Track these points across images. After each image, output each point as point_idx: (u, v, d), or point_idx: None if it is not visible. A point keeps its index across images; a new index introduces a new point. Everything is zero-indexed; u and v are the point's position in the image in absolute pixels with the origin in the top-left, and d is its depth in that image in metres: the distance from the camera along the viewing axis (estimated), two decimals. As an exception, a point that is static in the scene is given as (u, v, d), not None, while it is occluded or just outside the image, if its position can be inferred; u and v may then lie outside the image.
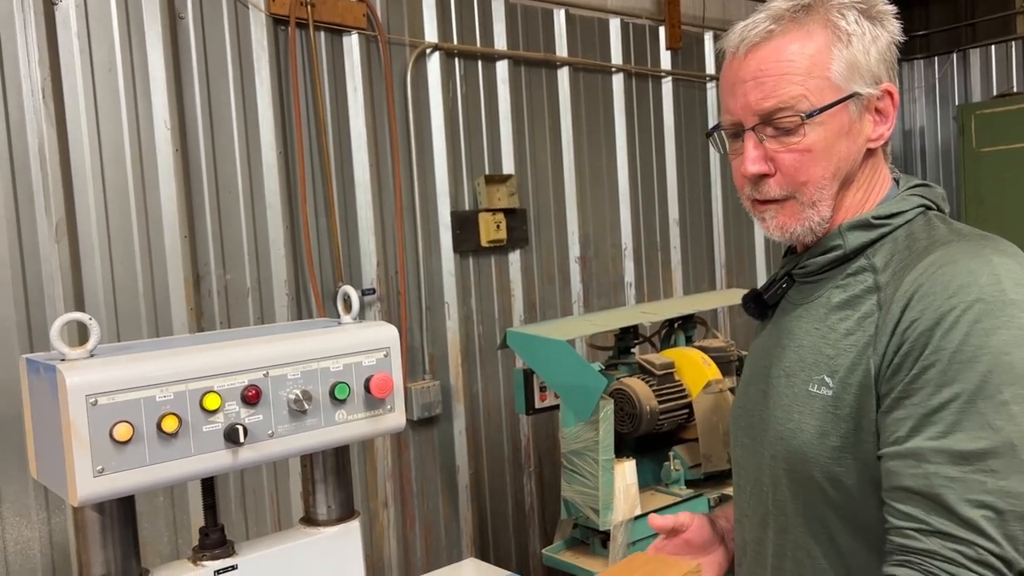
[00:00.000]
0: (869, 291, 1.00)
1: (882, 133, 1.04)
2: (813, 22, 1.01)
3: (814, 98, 1.00)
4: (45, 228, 2.30)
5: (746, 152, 1.04)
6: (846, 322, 1.00)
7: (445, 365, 3.23)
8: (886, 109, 1.04)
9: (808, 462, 0.99)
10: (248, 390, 1.29)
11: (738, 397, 1.21)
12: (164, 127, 2.50)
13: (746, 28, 1.04)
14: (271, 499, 2.75)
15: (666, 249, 4.10)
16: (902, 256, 0.99)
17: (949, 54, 5.51)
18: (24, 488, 2.28)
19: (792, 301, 1.11)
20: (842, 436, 0.96)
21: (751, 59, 1.02)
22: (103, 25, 2.40)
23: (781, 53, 1.01)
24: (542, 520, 3.57)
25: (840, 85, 1.00)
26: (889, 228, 1.03)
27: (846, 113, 1.01)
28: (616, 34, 3.84)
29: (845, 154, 1.02)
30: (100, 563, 1.25)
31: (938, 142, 5.62)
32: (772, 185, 1.05)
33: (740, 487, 1.18)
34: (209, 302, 2.62)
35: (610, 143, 3.85)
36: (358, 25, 2.93)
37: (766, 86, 1.01)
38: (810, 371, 1.02)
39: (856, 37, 1.01)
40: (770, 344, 1.12)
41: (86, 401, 1.16)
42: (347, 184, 2.96)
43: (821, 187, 1.03)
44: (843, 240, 1.04)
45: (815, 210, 1.04)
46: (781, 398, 1.05)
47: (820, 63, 1.00)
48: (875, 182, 1.07)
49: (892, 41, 1.04)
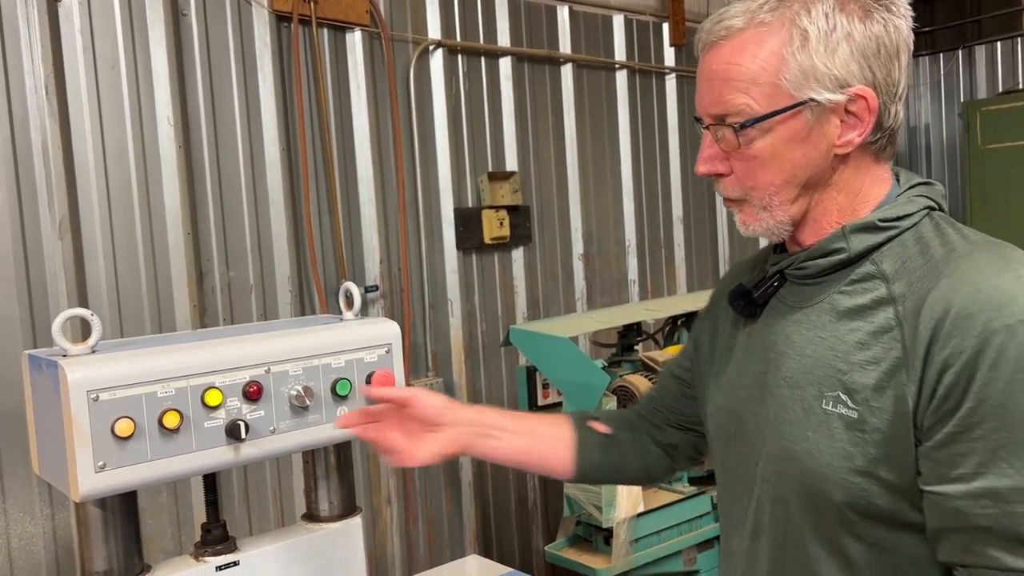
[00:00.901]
0: (882, 302, 0.94)
1: (850, 139, 0.96)
2: (777, 20, 0.94)
3: (760, 106, 0.95)
4: (48, 224, 2.30)
5: (700, 151, 1.02)
6: (856, 334, 0.95)
7: (448, 362, 3.23)
8: (860, 113, 0.95)
9: (828, 484, 0.94)
10: (250, 386, 1.29)
11: (721, 397, 1.14)
12: (167, 124, 2.50)
13: (712, 22, 0.99)
14: (273, 495, 2.76)
15: (670, 246, 4.09)
16: (916, 264, 0.94)
17: (954, 50, 5.49)
18: (28, 484, 2.28)
19: (786, 302, 1.05)
20: (869, 460, 0.91)
21: (708, 58, 0.99)
22: (106, 21, 2.41)
23: (732, 56, 0.96)
24: (545, 517, 3.57)
25: (791, 92, 0.94)
26: (896, 231, 0.97)
27: (800, 120, 0.95)
28: (620, 31, 3.84)
29: (802, 161, 0.97)
30: (102, 559, 1.25)
31: (943, 139, 5.61)
32: (727, 185, 1.02)
33: (732, 493, 1.12)
34: (212, 299, 2.62)
35: (613, 140, 3.84)
36: (361, 22, 2.93)
37: (714, 90, 0.98)
38: (820, 386, 0.96)
39: (817, 38, 0.93)
40: (761, 347, 1.07)
41: (88, 397, 1.16)
42: (350, 181, 2.96)
43: (771, 193, 0.98)
44: (847, 243, 0.98)
45: (769, 214, 1.00)
46: (787, 412, 0.99)
47: (770, 69, 0.94)
48: (862, 184, 1.00)
49: (878, 36, 0.94)
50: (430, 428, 1.24)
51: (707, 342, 1.21)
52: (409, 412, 1.24)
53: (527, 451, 1.30)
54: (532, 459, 1.32)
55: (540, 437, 1.31)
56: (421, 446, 1.23)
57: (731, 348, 1.14)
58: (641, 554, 2.55)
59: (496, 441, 1.26)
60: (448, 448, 1.23)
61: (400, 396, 1.25)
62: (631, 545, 2.53)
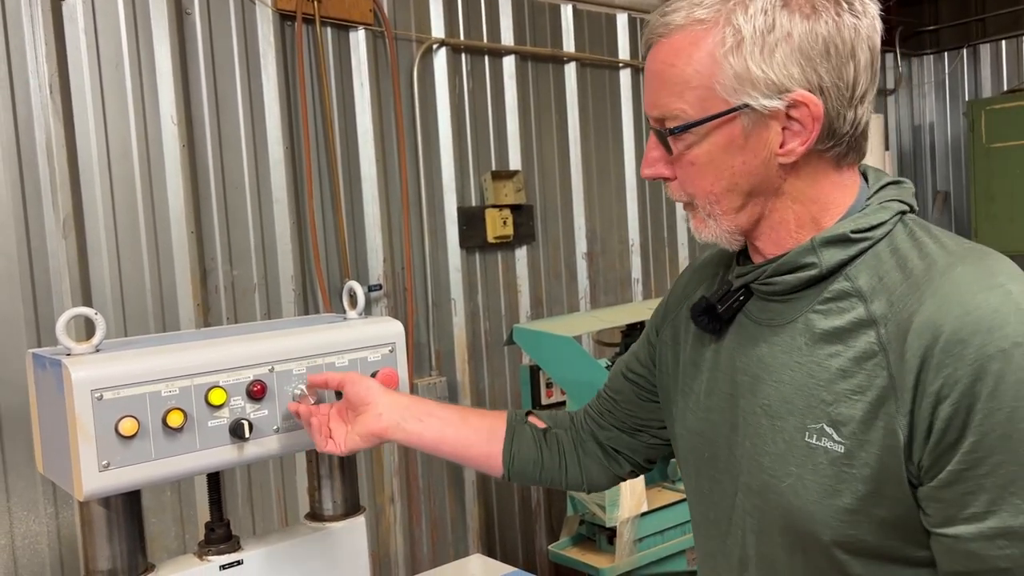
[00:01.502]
0: (862, 324, 0.87)
1: (792, 148, 0.89)
2: (713, 18, 0.88)
3: (693, 110, 0.89)
4: (52, 223, 2.30)
5: (645, 153, 0.98)
6: (837, 359, 0.88)
7: (452, 361, 3.23)
8: (803, 119, 0.88)
9: (815, 523, 0.88)
10: (253, 385, 1.29)
11: (691, 419, 1.07)
12: (171, 123, 2.50)
13: (657, 15, 0.93)
14: (277, 494, 2.76)
15: (673, 245, 4.08)
16: (894, 281, 0.87)
17: (959, 49, 5.47)
18: (32, 483, 2.29)
19: (753, 319, 0.98)
20: (858, 498, 0.86)
21: (650, 56, 0.94)
22: (110, 21, 2.41)
23: (668, 56, 0.91)
24: (548, 516, 3.57)
25: (725, 98, 0.88)
26: (869, 242, 0.90)
27: (736, 126, 0.89)
28: (623, 29, 3.83)
29: (742, 169, 0.91)
30: (106, 557, 1.26)
31: (948, 138, 5.59)
32: (673, 189, 0.97)
33: (710, 523, 1.05)
34: (216, 297, 2.62)
35: (617, 139, 3.84)
36: (365, 21, 2.93)
37: (652, 92, 0.93)
38: (802, 416, 0.90)
39: (752, 38, 0.86)
40: (729, 367, 1.00)
41: (91, 396, 1.16)
42: (354, 180, 2.96)
43: (712, 201, 0.93)
44: (818, 258, 0.90)
45: (715, 221, 0.95)
46: (766, 444, 0.93)
47: (703, 72, 0.88)
48: (820, 191, 0.93)
49: (826, 35, 0.86)
50: (359, 410, 1.23)
51: (669, 353, 1.14)
52: (344, 397, 1.24)
53: (452, 440, 1.24)
54: (458, 449, 1.25)
55: (469, 426, 1.25)
56: (347, 431, 1.22)
57: (697, 364, 1.07)
58: (645, 553, 2.55)
59: (421, 426, 1.22)
60: (371, 427, 1.21)
61: (336, 380, 1.25)
62: (635, 544, 2.52)
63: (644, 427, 1.23)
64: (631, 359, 1.24)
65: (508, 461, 1.25)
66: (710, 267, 1.13)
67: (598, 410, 1.28)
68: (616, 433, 1.25)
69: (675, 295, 1.18)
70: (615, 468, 1.27)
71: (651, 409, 1.20)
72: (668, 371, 1.14)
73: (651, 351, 1.19)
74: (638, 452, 1.25)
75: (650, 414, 1.21)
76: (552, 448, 1.27)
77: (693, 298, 1.07)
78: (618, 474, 1.28)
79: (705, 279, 1.12)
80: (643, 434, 1.23)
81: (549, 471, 1.27)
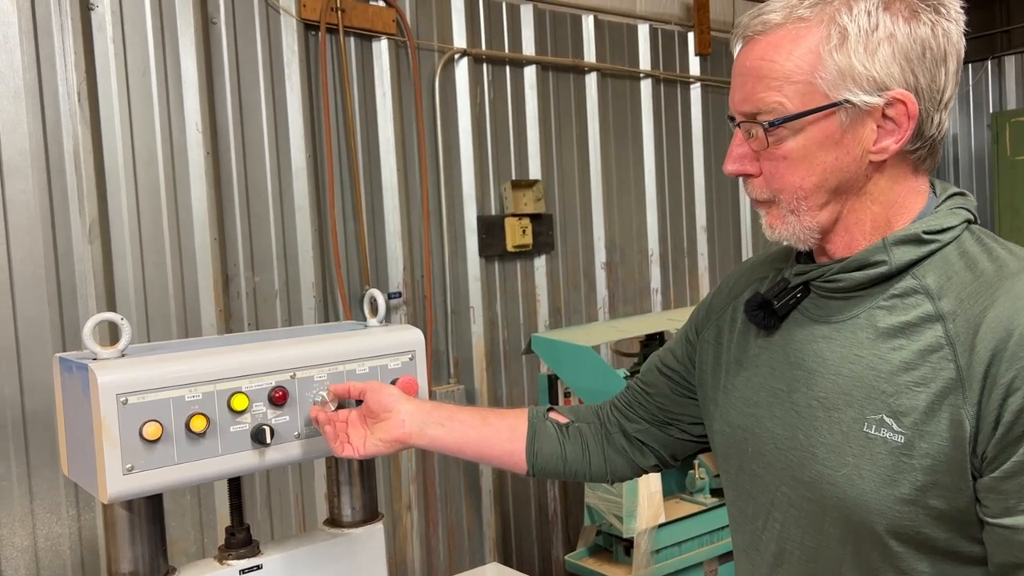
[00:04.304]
0: (928, 319, 0.89)
1: (886, 146, 0.91)
2: (816, 17, 0.91)
3: (793, 104, 0.91)
4: (79, 229, 2.34)
5: (730, 149, 0.99)
6: (900, 352, 0.89)
7: (470, 369, 3.23)
8: (898, 118, 0.90)
9: (870, 512, 0.89)
10: (275, 391, 1.30)
11: (733, 414, 1.08)
12: (196, 130, 2.53)
13: (750, 16, 0.95)
14: (296, 500, 2.77)
15: (693, 255, 4.07)
16: (964, 281, 0.89)
17: (983, 61, 5.43)
18: (55, 485, 2.31)
19: (809, 316, 0.99)
20: (916, 488, 0.87)
21: (743, 53, 0.95)
22: (138, 29, 2.44)
23: (767, 52, 0.92)
24: (565, 526, 3.56)
25: (826, 92, 0.90)
26: (938, 245, 0.92)
27: (834, 121, 0.91)
28: (645, 39, 3.84)
29: (834, 165, 0.93)
30: (128, 560, 1.27)
31: (971, 150, 5.55)
32: (755, 185, 0.98)
33: (747, 518, 1.07)
34: (238, 303, 2.65)
35: (637, 149, 3.84)
36: (387, 31, 2.95)
37: (746, 87, 0.94)
38: (861, 407, 0.91)
39: (856, 37, 0.89)
40: (783, 363, 1.01)
41: (117, 400, 1.17)
42: (375, 188, 2.98)
43: (799, 197, 0.94)
44: (889, 256, 0.92)
45: (797, 218, 0.95)
46: (822, 435, 0.94)
47: (805, 67, 0.90)
48: (898, 194, 0.95)
49: (924, 38, 0.89)
50: (381, 417, 1.24)
51: (710, 352, 1.15)
52: (365, 404, 1.25)
53: (475, 442, 1.26)
54: (481, 450, 1.27)
55: (491, 427, 1.27)
56: (368, 437, 1.24)
57: (741, 362, 1.08)
58: (662, 565, 2.53)
59: (443, 430, 1.23)
60: (394, 433, 1.22)
61: (358, 389, 1.27)
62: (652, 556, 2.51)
63: (674, 421, 1.24)
64: (666, 355, 1.26)
65: (531, 458, 1.26)
66: (760, 269, 1.15)
67: (627, 402, 1.29)
68: (645, 425, 1.26)
69: (721, 296, 1.19)
70: (640, 460, 1.28)
71: (684, 404, 1.22)
72: (708, 370, 1.15)
73: (689, 350, 1.20)
74: (665, 446, 1.27)
75: (682, 409, 1.22)
76: (575, 441, 1.28)
77: (743, 298, 1.09)
78: (642, 466, 1.29)
79: (754, 281, 1.13)
80: (672, 428, 1.25)
81: (573, 464, 1.28)
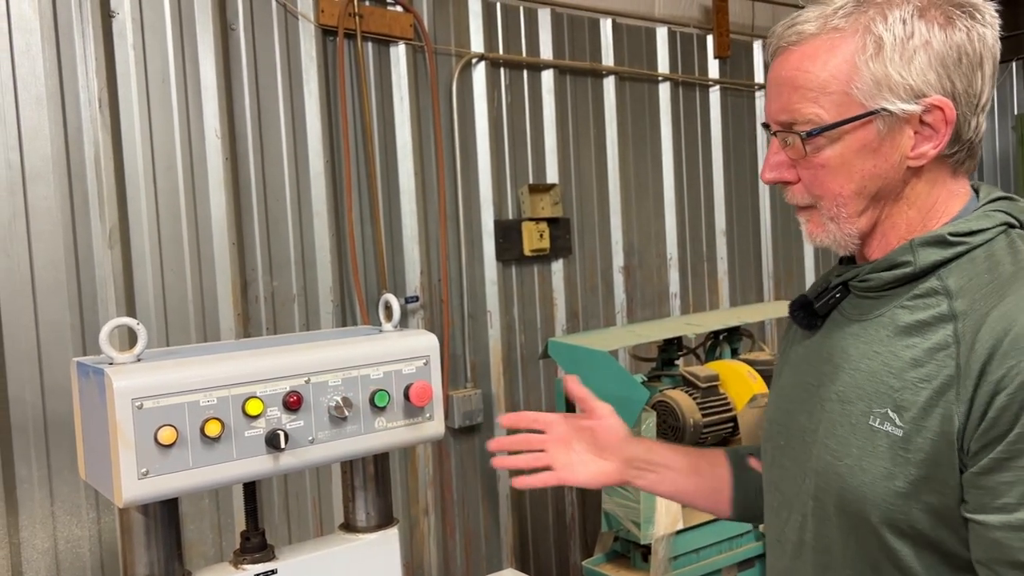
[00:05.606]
0: (942, 319, 0.90)
1: (925, 152, 0.93)
2: (851, 26, 0.92)
3: (829, 114, 0.93)
4: (99, 234, 2.36)
5: (767, 157, 1.01)
6: (912, 350, 0.91)
7: (487, 373, 3.23)
8: (936, 124, 0.92)
9: (867, 504, 0.91)
10: (289, 396, 1.30)
11: (773, 411, 1.13)
12: (215, 136, 2.55)
13: (784, 26, 0.97)
14: (313, 504, 2.78)
15: (712, 260, 4.05)
16: (981, 281, 0.90)
17: (1008, 62, 5.36)
18: (76, 488, 2.33)
19: (846, 315, 1.02)
20: (910, 482, 0.88)
21: (778, 63, 0.97)
22: (158, 36, 2.47)
23: (802, 63, 0.94)
24: (583, 532, 3.54)
25: (863, 101, 0.91)
26: (966, 247, 0.93)
27: (871, 130, 0.92)
28: (663, 43, 3.82)
29: (872, 172, 0.94)
30: (144, 564, 1.27)
31: (996, 153, 5.47)
32: (796, 192, 1.00)
33: (774, 511, 1.09)
34: (256, 308, 2.66)
35: (656, 152, 3.82)
36: (405, 36, 2.96)
37: (782, 97, 0.96)
38: (869, 401, 0.93)
39: (892, 45, 0.90)
40: (817, 359, 1.04)
41: (132, 404, 1.18)
42: (392, 193, 2.99)
43: (839, 203, 0.96)
44: (914, 256, 0.94)
45: (837, 225, 0.97)
46: (834, 427, 0.97)
47: (841, 77, 0.92)
48: (936, 199, 0.96)
49: (960, 44, 0.91)
50: (599, 453, 1.28)
51: (779, 360, 1.20)
52: (588, 427, 1.28)
53: (685, 492, 1.32)
54: (689, 498, 1.34)
55: (700, 476, 1.31)
56: (585, 467, 1.28)
57: (787, 359, 1.13)
58: (680, 572, 2.51)
59: (658, 477, 1.29)
60: (611, 479, 1.28)
61: (591, 407, 1.30)
62: (670, 563, 2.49)
63: None
64: None
65: (737, 508, 1.31)
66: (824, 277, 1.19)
67: None
68: None
69: None
70: None
71: None
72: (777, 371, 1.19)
73: None
74: None
75: None
76: None
77: None
78: None
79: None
80: None
81: None
